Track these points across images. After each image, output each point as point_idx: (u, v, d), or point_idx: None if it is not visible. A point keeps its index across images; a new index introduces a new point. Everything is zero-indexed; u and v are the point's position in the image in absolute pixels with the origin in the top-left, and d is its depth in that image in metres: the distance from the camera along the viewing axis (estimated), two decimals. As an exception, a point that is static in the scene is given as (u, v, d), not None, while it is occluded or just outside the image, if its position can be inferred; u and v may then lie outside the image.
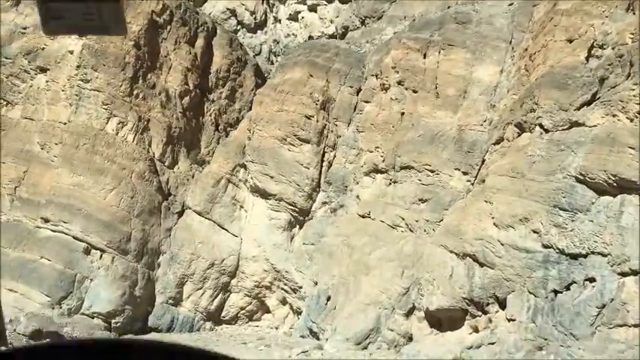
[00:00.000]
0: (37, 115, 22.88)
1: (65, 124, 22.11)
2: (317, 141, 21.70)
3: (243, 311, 22.33)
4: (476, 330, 15.20)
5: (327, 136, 21.89)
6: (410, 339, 17.32)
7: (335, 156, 21.81)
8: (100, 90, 22.27)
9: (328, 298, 19.03)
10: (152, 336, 20.66)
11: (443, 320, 16.51)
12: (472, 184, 17.75)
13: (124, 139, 22.15)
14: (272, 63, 30.16)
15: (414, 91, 19.65)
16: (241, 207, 22.59)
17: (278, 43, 30.51)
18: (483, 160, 17.73)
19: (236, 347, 18.22)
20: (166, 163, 23.25)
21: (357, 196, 20.33)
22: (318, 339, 18.92)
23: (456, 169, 18.30)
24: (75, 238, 20.66)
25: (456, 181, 18.21)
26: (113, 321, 20.62)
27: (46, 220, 20.90)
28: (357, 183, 20.56)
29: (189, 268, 21.87)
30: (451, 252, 16.06)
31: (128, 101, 22.56)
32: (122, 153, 21.83)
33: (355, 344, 17.44)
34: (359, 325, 17.74)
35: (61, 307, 19.90)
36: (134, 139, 22.39)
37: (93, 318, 20.42)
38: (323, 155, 21.89)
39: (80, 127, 21.93)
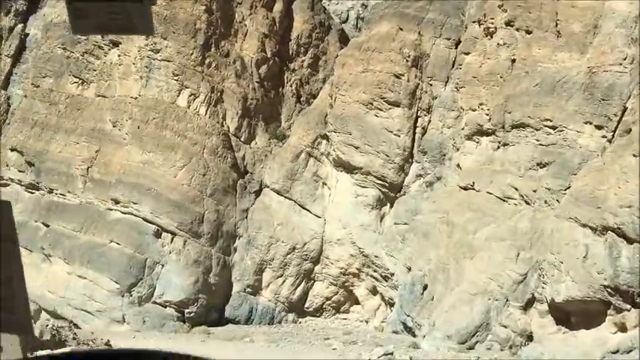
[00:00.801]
0: (110, 92, 21.58)
1: (135, 98, 20.56)
2: (408, 104, 18.48)
3: (328, 302, 19.64)
4: (622, 329, 11.37)
5: (420, 98, 18.61)
6: (529, 338, 13.71)
7: (430, 120, 18.48)
8: (170, 60, 20.48)
9: (425, 287, 15.79)
10: (228, 328, 18.55)
11: (574, 315, 12.78)
12: (610, 140, 13.77)
13: (195, 113, 20.22)
14: (359, 30, 27.20)
15: (528, 32, 15.87)
16: (324, 184, 19.89)
17: (366, 7, 27.51)
18: (625, 108, 13.69)
19: (313, 344, 15.55)
20: (242, 138, 21.07)
21: (458, 165, 16.90)
22: (414, 335, 15.77)
23: (586, 123, 14.37)
24: (145, 219, 18.99)
25: (586, 138, 14.28)
26: (186, 311, 18.71)
27: (116, 202, 19.41)
28: (458, 149, 17.12)
29: (267, 253, 19.51)
30: (584, 226, 12.31)
31: (200, 71, 20.60)
32: (193, 127, 19.89)
33: (458, 343, 14.11)
34: (463, 319, 14.37)
35: (130, 295, 18.27)
36: (207, 112, 20.40)
37: (165, 307, 18.63)
38: (416, 120, 18.64)
39: (150, 100, 20.28)
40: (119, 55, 21.85)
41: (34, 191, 22.53)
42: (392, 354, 12.85)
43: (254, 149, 21.12)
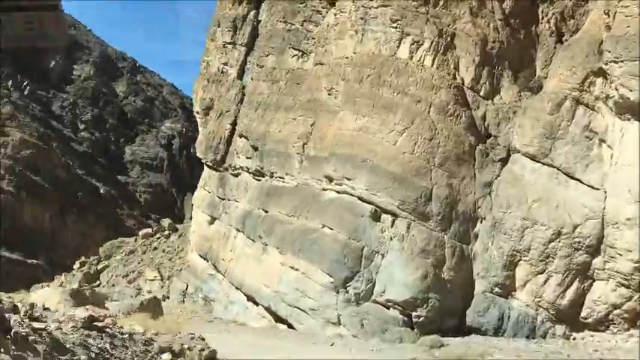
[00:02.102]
0: (327, 58, 18.80)
1: (350, 57, 17.32)
2: None
3: (617, 311, 13.39)
4: None
5: None
6: None
7: None
8: (387, 4, 16.71)
9: None
10: (472, 339, 13.77)
11: None
12: None
13: (419, 64, 16.04)
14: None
15: None
16: (601, 141, 13.78)
17: None
18: None
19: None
20: (481, 92, 16.14)
21: None
22: None
23: None
24: (360, 199, 15.44)
25: None
26: (414, 314, 14.52)
27: (330, 179, 16.30)
28: None
29: (521, 241, 14.19)
30: None
31: (424, 12, 16.38)
32: (416, 81, 15.73)
33: None
34: None
35: (346, 291, 14.84)
36: (433, 62, 16.05)
37: (388, 308, 14.74)
38: None
39: (365, 57, 16.78)
40: (335, 15, 18.97)
41: (259, 178, 21.02)
42: None
43: (498, 105, 16.00)
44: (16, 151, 67.33)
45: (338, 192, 15.87)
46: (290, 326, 15.93)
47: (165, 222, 31.97)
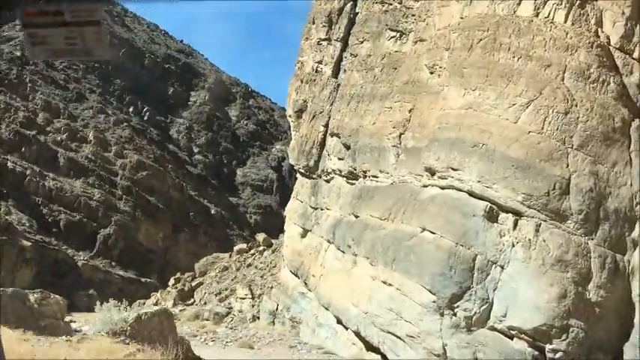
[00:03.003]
0: (428, 32, 15.61)
1: (457, 24, 14.00)
2: None
3: None
4: None
5: None
6: None
7: None
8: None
9: None
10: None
11: None
12: None
13: (547, 21, 12.37)
14: None
15: None
16: None
17: None
18: None
19: None
20: (635, 53, 12.12)
21: None
22: None
23: None
24: (470, 194, 11.93)
25: None
26: (549, 347, 10.65)
27: (432, 172, 12.96)
28: None
29: None
30: None
31: (550, -43, 12.74)
32: (544, 41, 12.06)
33: None
34: None
35: (454, 314, 11.33)
36: (567, 17, 12.32)
37: (511, 338, 11.01)
38: None
39: (475, 19, 13.39)
40: (437, -20, 15.78)
41: (352, 181, 18.12)
42: None
43: (660, 68, 11.89)
44: (133, 172, 69.85)
45: (442, 187, 12.49)
46: (384, 357, 12.66)
47: (260, 237, 29.89)
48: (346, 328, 14.56)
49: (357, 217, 15.63)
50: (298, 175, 24.40)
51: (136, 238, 65.06)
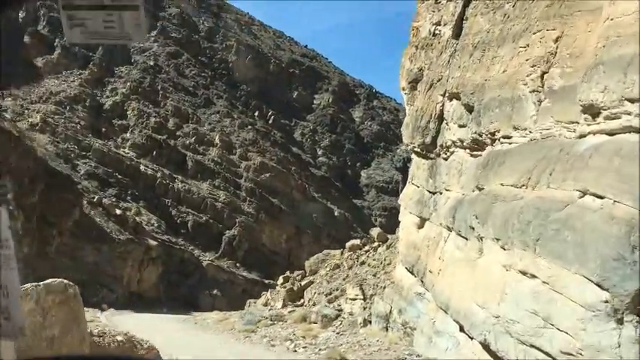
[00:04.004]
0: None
1: None
2: None
3: None
4: None
5: None
6: None
7: None
8: None
9: None
10: None
11: None
12: None
13: None
14: None
15: None
16: None
17: None
18: None
19: None
20: None
21: None
22: None
23: None
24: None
25: None
26: None
27: (594, 113, 8.76)
28: None
29: None
30: None
31: None
32: None
33: None
34: None
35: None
36: None
37: None
38: None
39: None
40: None
41: (477, 152, 14.22)
42: None
43: None
44: (257, 174, 69.74)
45: (610, 132, 8.33)
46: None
47: (375, 232, 26.52)
48: (470, 338, 10.75)
49: (481, 189, 11.77)
50: (413, 155, 20.81)
51: (259, 239, 64.68)
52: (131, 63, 75.17)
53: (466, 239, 12.27)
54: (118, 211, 47.61)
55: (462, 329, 11.78)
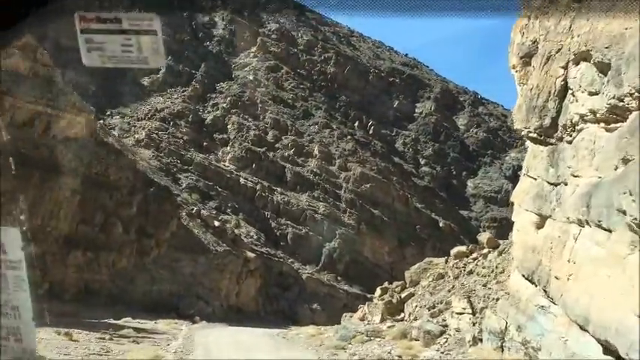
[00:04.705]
0: None
1: None
2: None
3: None
4: None
5: None
6: None
7: None
8: None
9: None
10: None
11: None
12: None
13: None
14: None
15: None
16: None
17: None
18: None
19: None
20: None
21: None
22: None
23: None
24: None
25: None
26: None
27: None
28: None
29: None
30: None
31: None
32: None
33: None
34: None
35: None
36: None
37: None
38: None
39: None
40: None
41: (616, 124, 11.03)
42: None
43: None
44: (357, 185, 67.71)
45: None
46: None
47: (484, 237, 23.27)
48: (624, 363, 7.68)
49: (629, 160, 8.69)
50: (528, 143, 17.62)
51: (361, 252, 62.43)
52: (232, 78, 76.33)
53: (609, 231, 9.21)
54: (216, 223, 47.33)
55: (607, 350, 8.72)
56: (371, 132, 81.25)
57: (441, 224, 70.33)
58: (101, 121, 54.41)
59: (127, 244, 34.82)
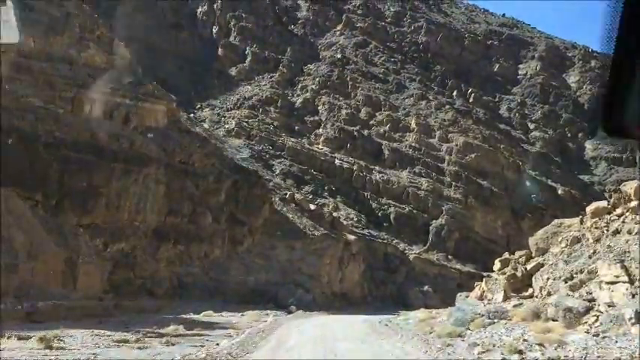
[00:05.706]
0: None
1: None
2: None
3: None
4: None
5: None
6: None
7: None
8: None
9: None
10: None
11: None
12: None
13: None
14: None
15: None
16: None
17: None
18: None
19: None
20: None
21: None
22: None
23: None
24: None
25: None
26: None
27: None
28: None
29: None
30: None
31: None
32: None
33: None
34: None
35: None
36: None
37: None
38: None
39: None
40: None
41: None
42: None
43: None
44: (461, 156, 62.61)
45: None
46: None
47: (630, 185, 18.44)
48: None
49: None
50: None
51: (471, 227, 57.46)
52: (319, 59, 73.55)
53: None
54: (312, 206, 44.72)
55: None
56: (471, 100, 75.26)
57: (559, 192, 63.49)
58: (192, 115, 53.67)
59: (218, 234, 32.93)
